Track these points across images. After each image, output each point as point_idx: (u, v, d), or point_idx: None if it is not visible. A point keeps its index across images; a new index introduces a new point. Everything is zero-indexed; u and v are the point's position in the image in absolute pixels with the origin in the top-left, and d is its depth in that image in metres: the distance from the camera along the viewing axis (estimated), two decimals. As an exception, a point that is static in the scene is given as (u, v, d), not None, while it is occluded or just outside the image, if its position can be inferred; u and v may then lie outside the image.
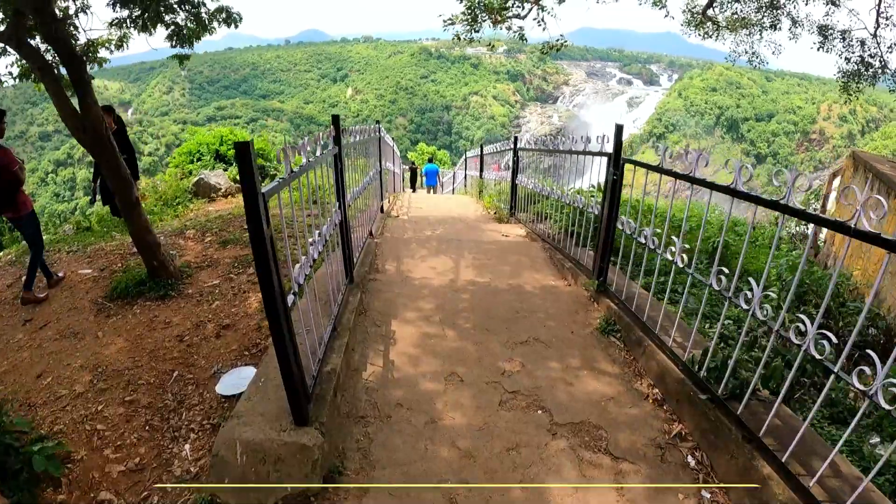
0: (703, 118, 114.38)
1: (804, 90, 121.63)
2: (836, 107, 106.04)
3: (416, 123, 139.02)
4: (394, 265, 7.37)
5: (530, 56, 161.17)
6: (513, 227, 10.35)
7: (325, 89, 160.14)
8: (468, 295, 6.28)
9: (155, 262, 6.58)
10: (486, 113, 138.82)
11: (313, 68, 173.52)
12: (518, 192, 10.97)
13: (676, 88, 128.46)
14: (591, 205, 6.41)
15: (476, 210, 13.42)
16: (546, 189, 8.61)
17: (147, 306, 6.20)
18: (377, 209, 9.96)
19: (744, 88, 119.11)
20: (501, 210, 11.95)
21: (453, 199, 17.66)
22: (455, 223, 10.91)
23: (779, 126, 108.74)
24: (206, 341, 5.40)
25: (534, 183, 9.33)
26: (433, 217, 11.66)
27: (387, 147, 12.99)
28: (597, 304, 6.04)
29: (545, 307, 6.00)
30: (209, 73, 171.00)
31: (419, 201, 15.63)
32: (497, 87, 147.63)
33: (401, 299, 6.07)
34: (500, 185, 12.90)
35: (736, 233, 9.10)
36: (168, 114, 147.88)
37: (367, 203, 7.88)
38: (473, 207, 14.04)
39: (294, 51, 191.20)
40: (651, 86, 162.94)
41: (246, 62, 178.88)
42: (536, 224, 9.36)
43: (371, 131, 8.55)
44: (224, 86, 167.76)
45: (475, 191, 16.86)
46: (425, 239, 8.94)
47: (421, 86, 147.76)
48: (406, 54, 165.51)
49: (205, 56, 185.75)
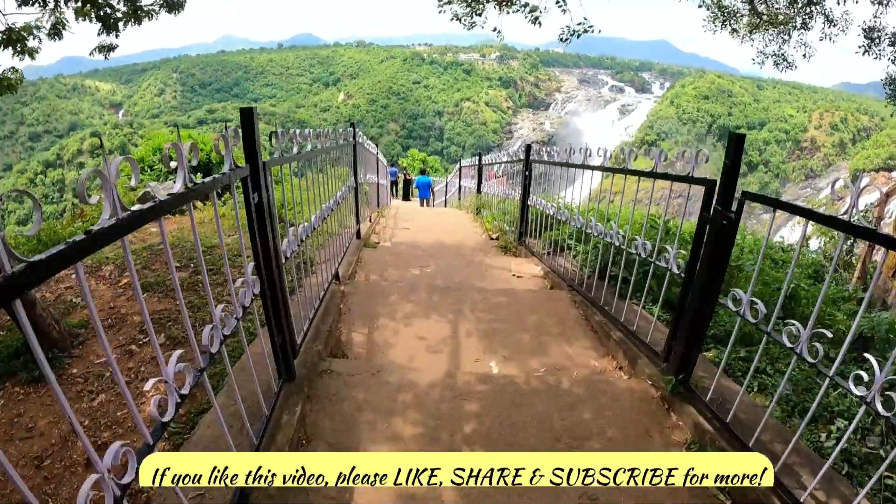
0: (695, 126, 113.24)
1: (795, 99, 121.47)
2: (827, 115, 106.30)
3: (407, 129, 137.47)
4: (363, 335, 5.14)
5: (523, 63, 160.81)
6: (525, 263, 8.18)
7: (316, 93, 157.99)
8: (476, 404, 3.95)
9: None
10: (478, 119, 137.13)
11: (305, 72, 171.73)
12: (528, 214, 8.74)
13: (668, 96, 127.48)
14: (667, 258, 4.21)
15: (474, 232, 11.32)
16: (565, 215, 6.65)
17: (13, 395, 4.14)
18: (351, 236, 7.82)
19: (735, 97, 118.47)
20: (506, 235, 9.76)
21: (447, 214, 15.58)
22: (450, 255, 8.75)
23: (770, 134, 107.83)
24: (71, 474, 3.38)
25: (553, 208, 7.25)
26: (423, 245, 9.51)
27: (367, 156, 11.07)
28: (675, 413, 3.88)
29: (600, 425, 3.74)
30: (201, 76, 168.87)
31: (407, 218, 13.58)
32: (489, 94, 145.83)
33: (366, 416, 3.76)
34: (505, 204, 10.47)
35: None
36: (159, 116, 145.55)
37: (333, 233, 5.94)
38: (471, 228, 11.97)
39: (286, 54, 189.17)
40: (643, 93, 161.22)
41: (238, 65, 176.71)
42: (555, 258, 7.36)
43: (341, 137, 6.43)
44: (216, 89, 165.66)
45: (471, 206, 14.67)
46: (411, 285, 6.61)
47: (413, 91, 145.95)
48: (398, 59, 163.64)
49: (197, 58, 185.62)
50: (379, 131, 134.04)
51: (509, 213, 9.97)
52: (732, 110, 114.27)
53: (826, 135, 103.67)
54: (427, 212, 17.27)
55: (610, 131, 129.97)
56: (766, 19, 14.05)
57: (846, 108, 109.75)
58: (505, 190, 10.25)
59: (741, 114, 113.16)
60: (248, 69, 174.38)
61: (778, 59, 14.89)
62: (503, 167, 10.92)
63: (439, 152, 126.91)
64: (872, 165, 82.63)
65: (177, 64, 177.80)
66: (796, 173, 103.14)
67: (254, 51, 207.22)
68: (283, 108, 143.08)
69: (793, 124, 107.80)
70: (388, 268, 7.59)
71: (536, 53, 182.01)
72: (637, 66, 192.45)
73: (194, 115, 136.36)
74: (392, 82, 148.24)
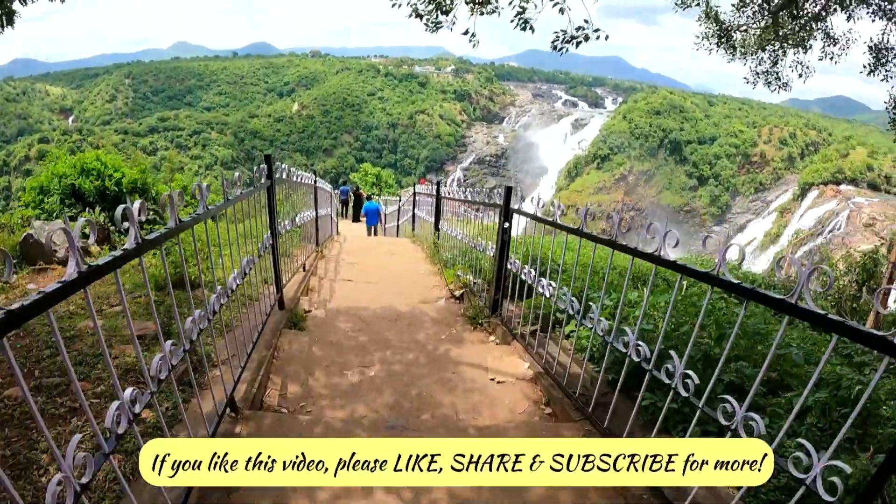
0: (648, 140, 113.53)
1: (745, 114, 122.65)
2: (776, 130, 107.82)
3: (361, 141, 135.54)
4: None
5: (478, 76, 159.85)
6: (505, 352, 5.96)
7: (270, 103, 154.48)
8: None
9: None
10: (433, 132, 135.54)
11: (260, 81, 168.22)
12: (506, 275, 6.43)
13: (621, 111, 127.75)
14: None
15: (433, 285, 9.08)
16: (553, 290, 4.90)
17: None
18: (268, 309, 5.65)
19: (687, 112, 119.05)
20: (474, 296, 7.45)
21: (398, 251, 13.39)
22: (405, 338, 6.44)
23: (721, 149, 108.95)
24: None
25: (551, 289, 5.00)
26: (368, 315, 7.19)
27: (300, 193, 8.81)
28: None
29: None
30: (154, 83, 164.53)
31: (352, 261, 11.44)
32: (444, 107, 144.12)
33: None
34: (474, 253, 8.04)
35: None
36: (110, 123, 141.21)
37: (239, 316, 4.56)
38: (427, 276, 9.89)
39: (241, 62, 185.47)
40: (596, 108, 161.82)
41: (192, 72, 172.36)
42: (546, 344, 5.29)
43: (256, 182, 5.12)
44: (168, 96, 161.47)
45: (427, 246, 12.52)
46: (345, 425, 4.28)
47: (367, 103, 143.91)
48: (353, 70, 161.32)
49: (150, 65, 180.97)
50: (333, 143, 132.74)
51: (480, 265, 7.60)
52: (684, 125, 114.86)
53: (775, 149, 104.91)
54: (376, 247, 15.19)
55: (563, 146, 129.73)
56: (782, 34, 12.32)
57: (795, 124, 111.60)
58: (473, 239, 7.91)
59: (692, 129, 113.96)
60: (202, 77, 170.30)
61: (771, 78, 13.31)
62: (468, 206, 8.80)
63: (393, 164, 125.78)
64: (821, 179, 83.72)
65: (129, 69, 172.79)
66: (746, 187, 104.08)
67: (208, 58, 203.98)
68: (236, 118, 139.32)
69: (743, 139, 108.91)
70: (316, 369, 5.33)
71: (491, 67, 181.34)
72: (590, 81, 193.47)
73: (146, 123, 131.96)
74: (347, 93, 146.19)
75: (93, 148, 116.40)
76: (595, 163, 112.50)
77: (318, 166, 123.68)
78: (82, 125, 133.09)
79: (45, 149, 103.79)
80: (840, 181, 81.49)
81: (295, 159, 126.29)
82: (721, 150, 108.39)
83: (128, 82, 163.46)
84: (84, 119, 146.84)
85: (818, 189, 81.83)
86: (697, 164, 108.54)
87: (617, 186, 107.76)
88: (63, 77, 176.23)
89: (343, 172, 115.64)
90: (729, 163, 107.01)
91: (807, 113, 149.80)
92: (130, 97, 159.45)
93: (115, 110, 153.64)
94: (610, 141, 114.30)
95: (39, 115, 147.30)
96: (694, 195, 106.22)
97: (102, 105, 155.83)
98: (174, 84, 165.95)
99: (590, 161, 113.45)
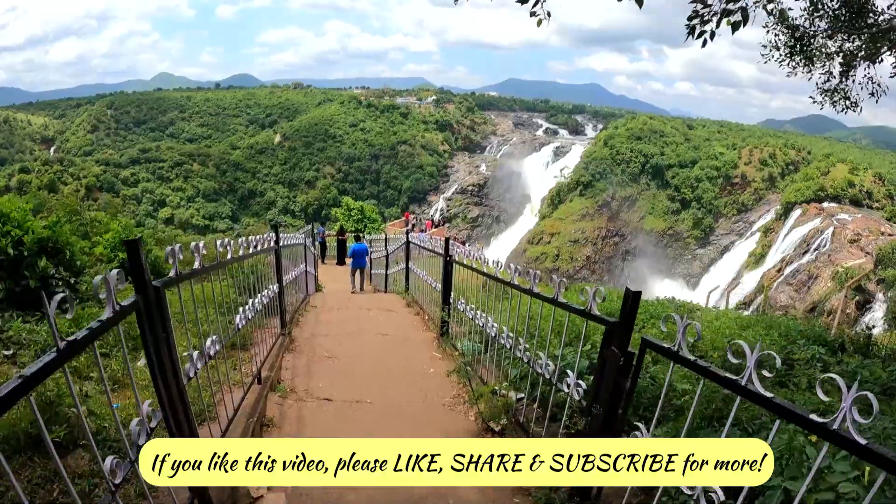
0: (629, 166, 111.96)
1: (724, 137, 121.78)
2: (756, 151, 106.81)
3: (343, 172, 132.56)
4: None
5: (459, 106, 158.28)
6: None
7: (252, 135, 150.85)
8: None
9: None
10: (415, 162, 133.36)
11: (242, 112, 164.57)
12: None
13: (602, 137, 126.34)
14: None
15: (455, 407, 6.61)
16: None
17: None
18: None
19: (667, 136, 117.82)
20: (524, 434, 4.88)
21: (394, 331, 10.54)
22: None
23: (702, 171, 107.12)
24: None
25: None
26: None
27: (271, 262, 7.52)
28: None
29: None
30: (136, 114, 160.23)
31: (329, 347, 8.93)
32: (426, 137, 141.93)
33: None
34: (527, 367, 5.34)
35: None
36: (92, 154, 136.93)
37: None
38: (445, 389, 7.32)
39: (223, 94, 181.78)
40: (577, 135, 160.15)
41: (174, 103, 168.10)
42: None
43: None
44: (151, 127, 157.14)
45: (434, 325, 9.85)
46: None
47: (350, 134, 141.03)
48: (336, 102, 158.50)
49: (133, 96, 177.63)
50: (315, 174, 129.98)
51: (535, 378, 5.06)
52: (665, 150, 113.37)
53: (756, 170, 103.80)
54: (362, 319, 12.01)
55: (545, 173, 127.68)
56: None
57: (774, 144, 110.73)
58: (525, 346, 5.24)
59: (673, 153, 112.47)
60: (185, 108, 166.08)
61: (837, 97, 11.09)
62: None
63: (376, 195, 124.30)
64: (804, 197, 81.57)
65: (112, 100, 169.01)
66: (728, 208, 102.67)
67: (191, 90, 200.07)
68: (218, 150, 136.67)
69: (723, 161, 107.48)
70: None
71: (472, 97, 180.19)
72: (570, 108, 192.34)
73: (127, 154, 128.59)
74: (329, 124, 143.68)
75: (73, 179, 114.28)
76: (578, 189, 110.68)
77: (300, 198, 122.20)
78: (64, 155, 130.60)
79: (25, 178, 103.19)
80: (822, 199, 79.88)
81: (277, 191, 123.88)
82: (702, 173, 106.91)
83: (110, 113, 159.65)
84: (66, 149, 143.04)
85: (801, 207, 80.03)
86: (679, 188, 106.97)
87: (600, 213, 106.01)
88: (46, 106, 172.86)
89: (325, 204, 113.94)
90: (711, 185, 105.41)
91: (785, 133, 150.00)
92: (112, 128, 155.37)
93: (96, 141, 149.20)
94: (592, 167, 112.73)
95: (21, 145, 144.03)
96: (677, 218, 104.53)
97: (84, 135, 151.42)
98: (156, 115, 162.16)
99: (572, 188, 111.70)
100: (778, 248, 77.91)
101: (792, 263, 67.66)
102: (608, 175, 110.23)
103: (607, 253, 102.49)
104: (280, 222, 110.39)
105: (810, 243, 68.37)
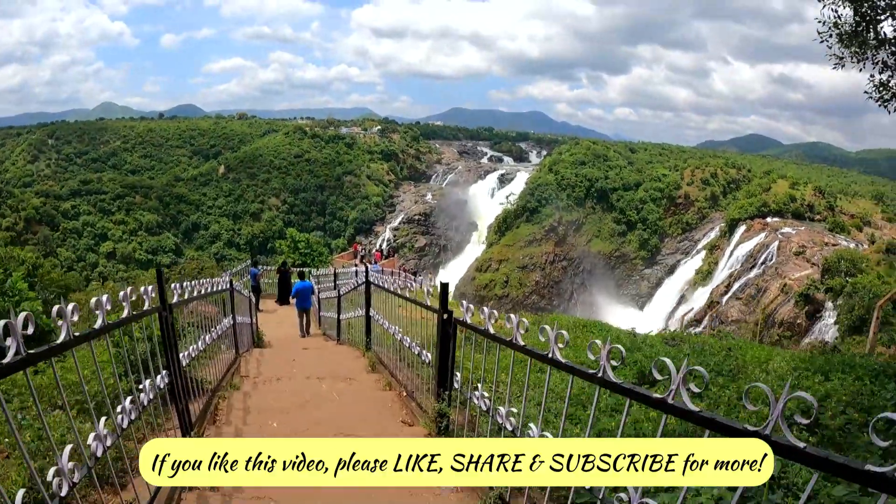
0: (574, 191, 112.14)
1: (666, 159, 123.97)
2: (698, 172, 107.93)
3: (289, 204, 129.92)
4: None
5: (404, 136, 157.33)
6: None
7: (196, 167, 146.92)
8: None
9: None
10: (361, 192, 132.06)
11: (186, 144, 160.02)
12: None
13: (546, 163, 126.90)
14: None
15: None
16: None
17: None
18: None
19: (611, 160, 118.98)
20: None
21: (360, 426, 6.68)
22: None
23: (646, 193, 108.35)
24: None
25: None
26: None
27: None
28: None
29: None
30: (78, 145, 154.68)
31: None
32: (371, 167, 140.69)
33: None
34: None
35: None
36: (31, 185, 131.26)
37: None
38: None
39: (167, 124, 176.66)
40: (521, 162, 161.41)
41: (117, 133, 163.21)
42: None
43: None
44: (92, 158, 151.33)
45: (407, 384, 7.53)
46: None
47: (295, 165, 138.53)
48: (280, 133, 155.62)
49: (75, 125, 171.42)
50: (260, 206, 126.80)
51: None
52: (609, 173, 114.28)
53: (699, 189, 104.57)
54: (311, 405, 7.93)
55: (491, 201, 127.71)
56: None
57: (715, 164, 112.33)
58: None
59: (617, 176, 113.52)
60: (127, 138, 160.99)
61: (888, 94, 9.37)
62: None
63: (322, 227, 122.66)
64: (747, 214, 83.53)
65: (53, 129, 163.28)
66: (673, 228, 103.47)
67: (133, 120, 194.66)
68: (161, 182, 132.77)
69: (666, 182, 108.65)
70: None
71: (417, 127, 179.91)
72: (514, 136, 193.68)
73: (68, 186, 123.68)
74: (273, 155, 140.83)
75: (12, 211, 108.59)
76: (524, 216, 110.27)
77: (245, 230, 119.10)
78: (2, 187, 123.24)
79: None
80: (766, 214, 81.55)
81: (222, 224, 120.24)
82: (646, 195, 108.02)
83: (51, 142, 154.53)
84: (5, 181, 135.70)
85: (746, 223, 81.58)
86: (624, 210, 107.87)
87: (547, 238, 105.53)
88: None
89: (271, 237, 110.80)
90: (655, 206, 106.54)
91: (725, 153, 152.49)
92: (53, 159, 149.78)
93: (37, 172, 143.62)
94: (537, 193, 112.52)
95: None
96: (623, 240, 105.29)
97: (24, 166, 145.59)
98: (98, 146, 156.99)
99: (519, 214, 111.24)
100: (725, 263, 78.80)
101: (740, 278, 68.39)
102: (554, 200, 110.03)
103: (556, 277, 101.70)
104: (225, 255, 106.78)
105: (757, 257, 68.86)
